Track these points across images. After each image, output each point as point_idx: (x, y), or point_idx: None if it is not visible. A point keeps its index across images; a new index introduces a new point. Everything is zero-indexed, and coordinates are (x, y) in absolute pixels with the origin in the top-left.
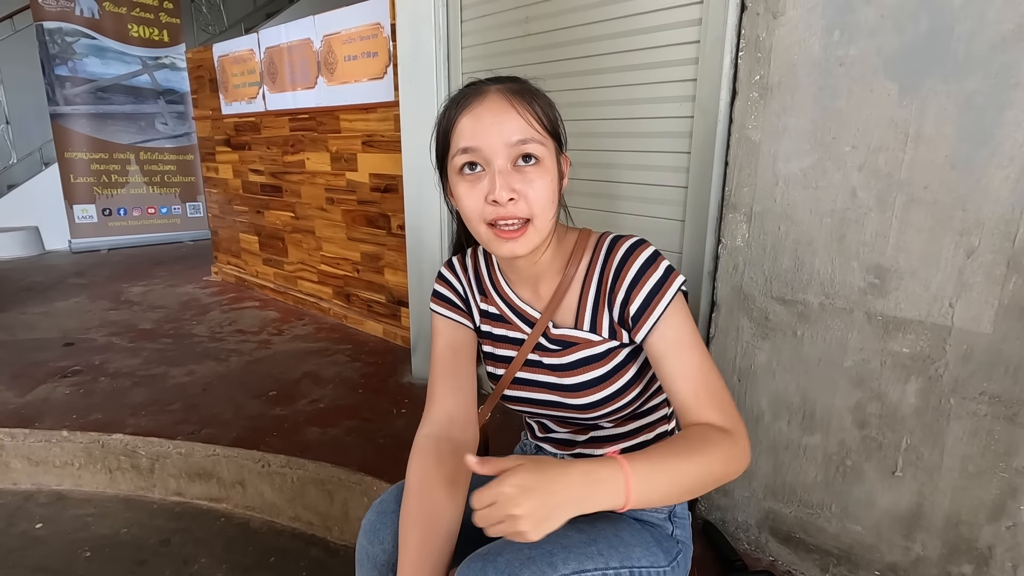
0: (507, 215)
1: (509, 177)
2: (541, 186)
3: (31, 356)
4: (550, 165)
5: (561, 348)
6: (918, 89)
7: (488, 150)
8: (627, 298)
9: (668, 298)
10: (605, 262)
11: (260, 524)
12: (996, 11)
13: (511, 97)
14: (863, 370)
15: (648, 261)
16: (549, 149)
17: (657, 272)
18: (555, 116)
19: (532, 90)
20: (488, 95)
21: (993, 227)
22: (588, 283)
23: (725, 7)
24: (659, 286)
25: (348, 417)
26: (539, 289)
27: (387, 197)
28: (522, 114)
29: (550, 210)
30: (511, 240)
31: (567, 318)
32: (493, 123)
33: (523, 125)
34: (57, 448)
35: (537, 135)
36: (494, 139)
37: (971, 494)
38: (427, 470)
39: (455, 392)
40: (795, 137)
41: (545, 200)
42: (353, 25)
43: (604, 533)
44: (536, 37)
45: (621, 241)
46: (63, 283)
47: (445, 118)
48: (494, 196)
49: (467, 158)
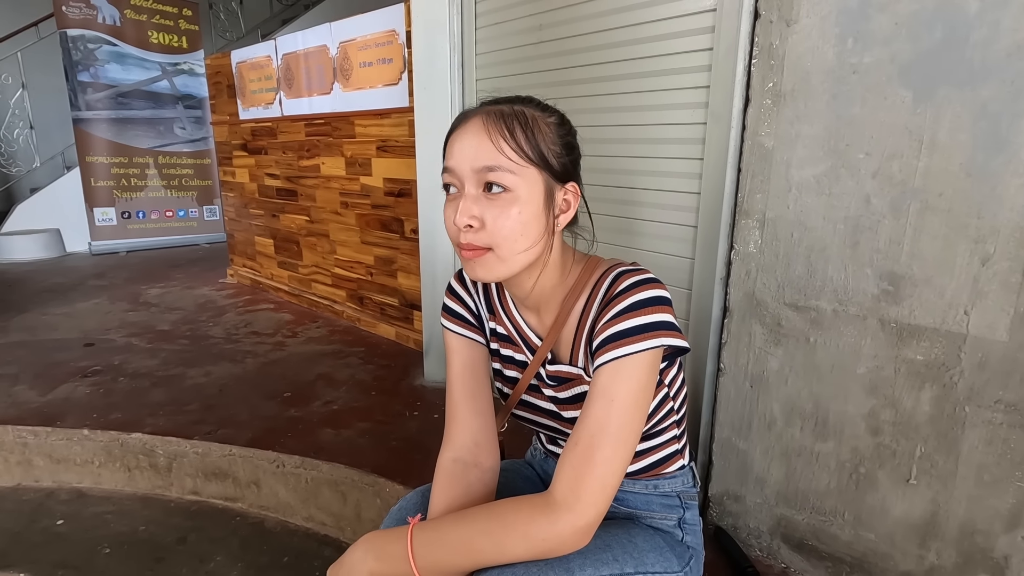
0: (466, 242)
1: (474, 203)
2: (506, 216)
3: (53, 356)
4: (525, 194)
5: (557, 384)
6: (932, 97)
7: (460, 172)
8: (600, 328)
9: (634, 348)
10: (604, 296)
11: (274, 524)
12: (1011, 19)
13: (489, 122)
14: (877, 377)
15: (639, 304)
16: (527, 179)
17: (641, 318)
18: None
19: (523, 117)
20: (472, 118)
21: (1008, 235)
22: (585, 317)
23: (738, 15)
24: (634, 332)
25: (361, 419)
26: (543, 317)
27: (401, 201)
28: (494, 141)
29: (519, 243)
30: (471, 261)
31: (564, 352)
32: (467, 146)
33: (492, 152)
34: (78, 446)
35: (507, 163)
36: (464, 163)
37: (986, 503)
38: (455, 497)
39: (478, 415)
40: (808, 144)
41: (508, 231)
42: (369, 32)
43: (618, 539)
44: (550, 44)
45: (625, 276)
46: (83, 284)
47: (447, 135)
48: (454, 219)
49: (446, 178)
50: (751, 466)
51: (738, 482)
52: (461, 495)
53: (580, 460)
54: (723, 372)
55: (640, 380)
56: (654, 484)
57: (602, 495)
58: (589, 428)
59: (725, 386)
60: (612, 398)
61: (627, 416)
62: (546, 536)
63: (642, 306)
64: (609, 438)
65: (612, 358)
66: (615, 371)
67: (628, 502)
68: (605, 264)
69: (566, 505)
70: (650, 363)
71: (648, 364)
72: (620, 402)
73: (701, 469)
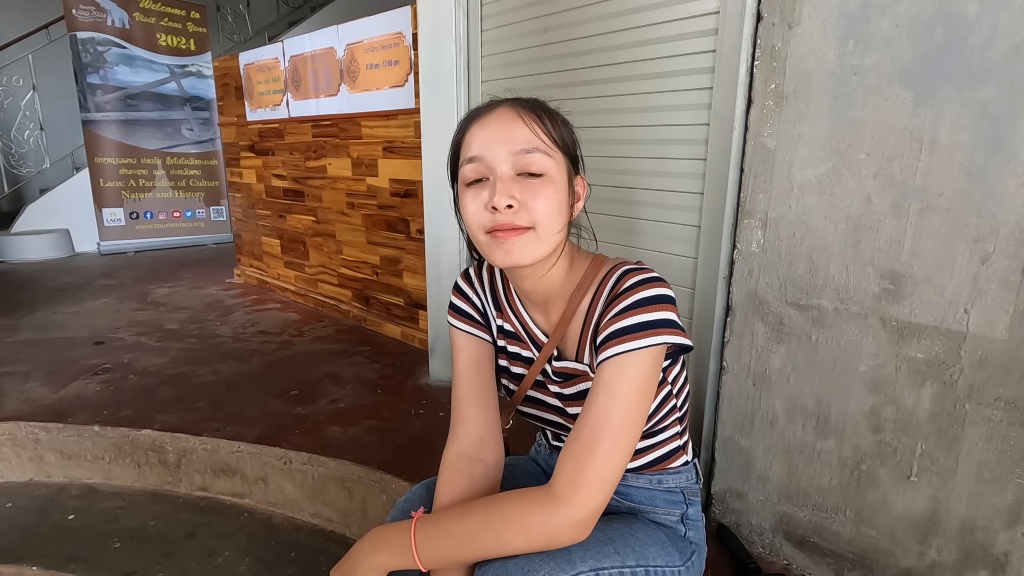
0: (505, 223)
1: (511, 185)
2: (545, 196)
3: (64, 354)
4: (558, 178)
5: (563, 380)
6: (933, 98)
7: (492, 158)
8: (604, 324)
9: (637, 344)
10: (609, 294)
11: (282, 520)
12: (1010, 21)
13: (520, 109)
14: (878, 375)
15: (643, 301)
16: (558, 163)
17: (645, 315)
18: (569, 136)
19: (546, 107)
20: (498, 107)
21: (1008, 234)
22: (591, 314)
23: (741, 17)
24: (637, 328)
25: (367, 417)
26: (549, 314)
27: (407, 202)
28: (528, 124)
29: (555, 223)
30: (508, 241)
31: (570, 348)
32: (499, 131)
33: (528, 135)
34: (89, 443)
35: (543, 145)
36: (499, 147)
37: (986, 500)
38: (459, 492)
39: (483, 411)
40: (810, 144)
41: (549, 211)
42: (375, 34)
43: (620, 532)
44: (555, 46)
45: (630, 274)
46: (93, 284)
47: (458, 131)
48: (493, 202)
49: (473, 167)
50: (753, 463)
51: (741, 479)
52: (465, 489)
53: (581, 453)
54: (726, 370)
55: (642, 376)
56: (658, 479)
57: (601, 488)
58: (590, 422)
59: (728, 384)
60: (614, 393)
61: (628, 411)
62: (545, 528)
63: (646, 304)
64: (610, 432)
65: (615, 353)
66: (618, 366)
67: (631, 496)
68: (611, 262)
69: (565, 497)
70: (653, 360)
71: (651, 361)
72: (622, 397)
73: (704, 466)
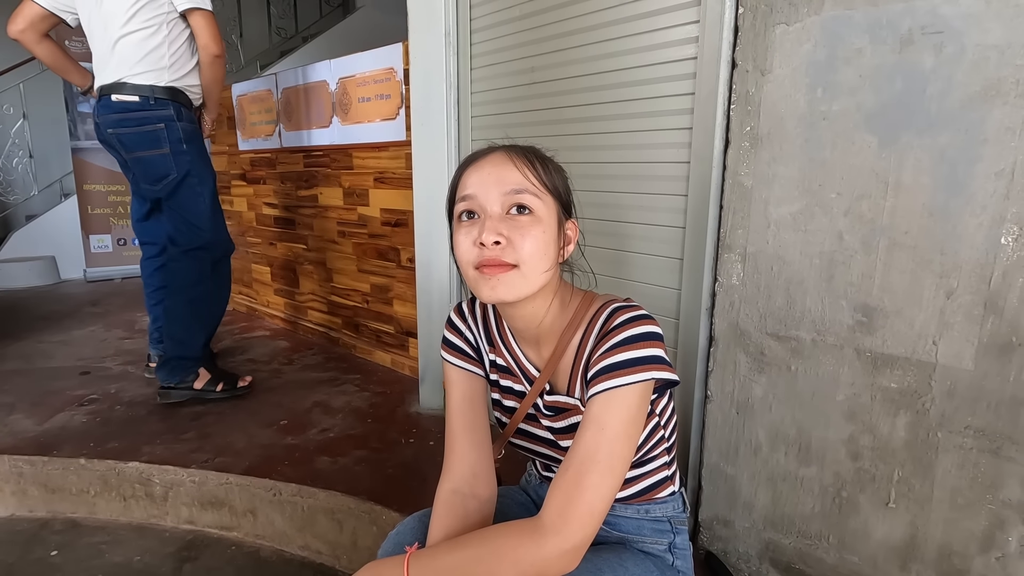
0: (492, 258)
1: (499, 223)
2: (532, 236)
3: (49, 384)
4: (546, 218)
5: (554, 414)
6: (896, 142)
7: (484, 198)
8: (594, 360)
9: (625, 380)
10: (600, 331)
11: (270, 553)
12: (963, 74)
13: (513, 155)
14: (855, 404)
15: (632, 338)
16: (547, 205)
17: (633, 352)
18: (562, 182)
19: (539, 154)
20: (494, 152)
21: (970, 270)
22: (582, 350)
23: (717, 64)
24: (626, 365)
25: (358, 446)
26: (541, 350)
27: (397, 231)
28: (520, 168)
29: (541, 263)
30: (493, 278)
31: (561, 383)
32: (492, 173)
33: (519, 177)
34: (74, 476)
35: (532, 187)
36: (491, 188)
37: (961, 525)
38: (453, 528)
39: (476, 447)
40: (784, 184)
41: (535, 250)
42: (368, 69)
43: (609, 563)
44: (542, 85)
45: (620, 312)
46: (79, 312)
47: (456, 173)
48: (481, 239)
49: (465, 205)
50: (739, 491)
51: (727, 507)
52: (459, 524)
53: (570, 485)
54: (710, 399)
55: (631, 410)
56: (645, 509)
57: (590, 520)
58: (579, 455)
59: (712, 413)
60: (603, 426)
61: (617, 444)
62: (533, 560)
63: (635, 341)
64: (599, 465)
65: (604, 388)
66: (607, 401)
67: (619, 526)
68: (601, 300)
69: (554, 529)
70: (641, 395)
71: (639, 396)
72: (611, 431)
73: (691, 494)
